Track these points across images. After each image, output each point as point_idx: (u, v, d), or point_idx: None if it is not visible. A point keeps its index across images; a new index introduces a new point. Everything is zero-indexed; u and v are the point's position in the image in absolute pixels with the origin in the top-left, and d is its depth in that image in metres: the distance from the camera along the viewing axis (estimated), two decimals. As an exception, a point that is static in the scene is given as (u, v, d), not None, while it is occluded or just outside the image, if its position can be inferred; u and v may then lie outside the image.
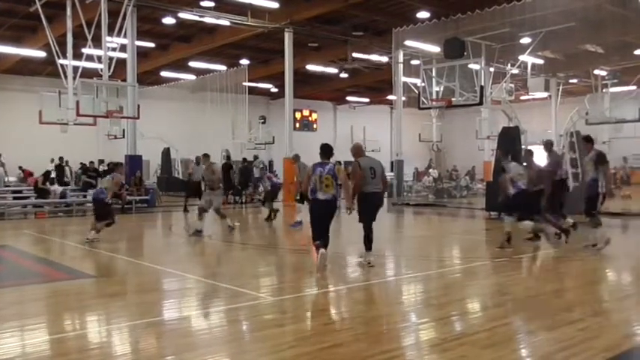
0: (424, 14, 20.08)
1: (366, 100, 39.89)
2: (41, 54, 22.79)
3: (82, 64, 16.91)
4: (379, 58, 25.62)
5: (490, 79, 19.04)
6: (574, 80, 27.87)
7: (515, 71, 21.13)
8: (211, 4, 19.71)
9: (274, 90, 33.32)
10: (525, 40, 18.38)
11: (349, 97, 39.21)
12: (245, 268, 9.21)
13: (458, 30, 17.18)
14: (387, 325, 5.81)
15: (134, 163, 19.56)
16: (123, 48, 18.00)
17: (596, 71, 21.80)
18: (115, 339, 5.39)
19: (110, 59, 16.42)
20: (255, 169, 21.63)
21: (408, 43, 20.05)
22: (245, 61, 26.49)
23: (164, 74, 29.32)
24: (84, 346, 5.02)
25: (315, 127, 39.52)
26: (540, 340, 5.18)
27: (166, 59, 26.84)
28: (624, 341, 5.14)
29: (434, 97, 17.11)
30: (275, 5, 19.40)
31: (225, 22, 20.97)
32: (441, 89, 16.88)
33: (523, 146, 15.09)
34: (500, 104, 19.71)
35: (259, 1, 19.23)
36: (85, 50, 16.91)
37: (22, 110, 25.75)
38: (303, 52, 25.38)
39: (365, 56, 25.97)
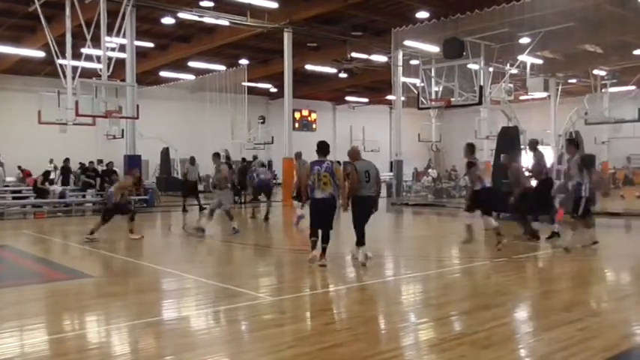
0: (423, 14, 20.08)
1: (366, 100, 39.91)
2: (40, 54, 22.79)
3: (81, 64, 16.90)
4: (378, 58, 25.63)
5: (489, 79, 19.03)
6: (573, 80, 27.90)
7: (515, 71, 21.11)
8: (210, 4, 19.70)
9: (273, 90, 33.30)
10: (524, 40, 18.37)
11: (348, 97, 39.24)
12: (244, 268, 9.23)
13: (457, 30, 17.19)
14: (386, 325, 5.82)
15: (133, 163, 19.51)
16: (122, 48, 17.97)
17: (596, 71, 21.81)
18: (114, 339, 5.39)
19: (109, 59, 16.41)
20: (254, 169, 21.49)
21: (407, 43, 20.05)
22: (244, 61, 26.48)
23: (163, 74, 29.31)
24: (83, 346, 5.03)
25: (315, 127, 39.58)
26: (539, 340, 5.18)
27: (165, 59, 26.82)
28: (623, 341, 5.15)
29: (433, 97, 17.13)
30: (274, 5, 19.40)
31: (225, 22, 20.96)
32: (440, 89, 16.89)
33: (522, 146, 15.10)
34: (500, 104, 19.71)
35: (258, 1, 19.22)
36: (84, 50, 16.91)
37: (21, 110, 25.74)
38: (302, 52, 25.37)
39: (364, 56, 25.98)
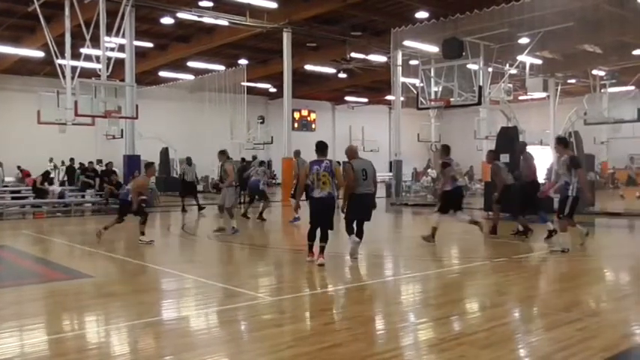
0: (423, 14, 20.10)
1: (365, 100, 39.92)
2: (39, 54, 22.80)
3: (81, 64, 16.90)
4: (378, 58, 25.63)
5: (488, 79, 19.06)
6: (572, 80, 27.92)
7: (514, 71, 21.13)
8: (210, 4, 19.70)
9: (273, 90, 33.31)
10: (524, 40, 18.39)
11: (348, 97, 39.26)
12: (243, 267, 9.23)
13: (456, 30, 17.20)
14: (385, 325, 5.82)
15: (132, 163, 19.50)
16: (121, 48, 17.97)
17: (595, 71, 21.80)
18: (114, 339, 5.38)
19: (108, 59, 16.41)
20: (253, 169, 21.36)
21: (406, 43, 20.06)
22: (243, 61, 26.49)
23: (162, 74, 29.31)
24: (82, 346, 5.02)
25: (314, 127, 39.60)
26: (539, 340, 5.18)
27: (165, 59, 26.82)
28: (622, 341, 5.15)
29: (432, 97, 17.12)
30: (273, 5, 19.40)
31: (224, 22, 20.96)
32: (440, 89, 16.89)
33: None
34: (499, 104, 19.72)
35: (258, 1, 19.22)
36: (84, 50, 16.91)
37: (21, 110, 25.74)
38: (301, 52, 25.37)
39: (363, 56, 25.98)
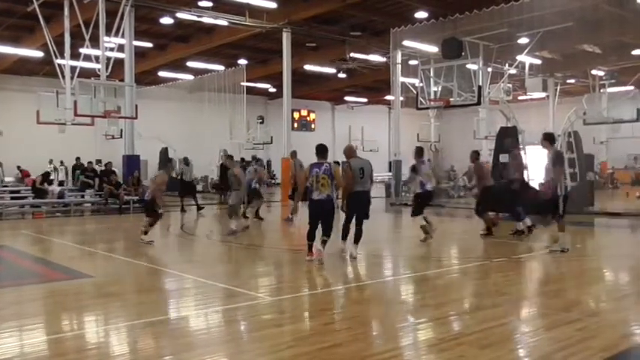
0: (422, 14, 20.10)
1: (364, 100, 39.92)
2: (39, 54, 22.77)
3: (80, 64, 16.90)
4: (377, 58, 25.63)
5: (488, 79, 19.01)
6: (572, 80, 27.95)
7: (513, 71, 21.12)
8: (209, 4, 19.69)
9: (272, 90, 33.31)
10: (523, 40, 18.39)
11: (347, 97, 39.25)
12: (243, 267, 9.22)
13: (456, 30, 17.20)
14: (385, 325, 5.82)
15: (132, 163, 19.52)
16: (121, 48, 17.97)
17: (594, 71, 21.82)
18: (113, 339, 5.38)
19: (108, 59, 16.39)
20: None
21: (406, 43, 20.07)
22: (243, 61, 26.48)
23: (162, 74, 29.29)
24: (82, 346, 5.02)
25: (314, 127, 39.59)
26: (538, 340, 5.19)
27: (164, 59, 26.81)
28: (622, 341, 5.15)
29: (432, 97, 17.09)
30: (273, 5, 19.40)
31: (223, 22, 20.95)
32: (439, 89, 16.85)
33: (521, 146, 15.09)
34: (498, 104, 19.70)
35: (257, 1, 19.22)
36: (83, 50, 16.89)
37: (20, 110, 25.69)
38: (301, 52, 25.37)
39: (363, 56, 25.98)
